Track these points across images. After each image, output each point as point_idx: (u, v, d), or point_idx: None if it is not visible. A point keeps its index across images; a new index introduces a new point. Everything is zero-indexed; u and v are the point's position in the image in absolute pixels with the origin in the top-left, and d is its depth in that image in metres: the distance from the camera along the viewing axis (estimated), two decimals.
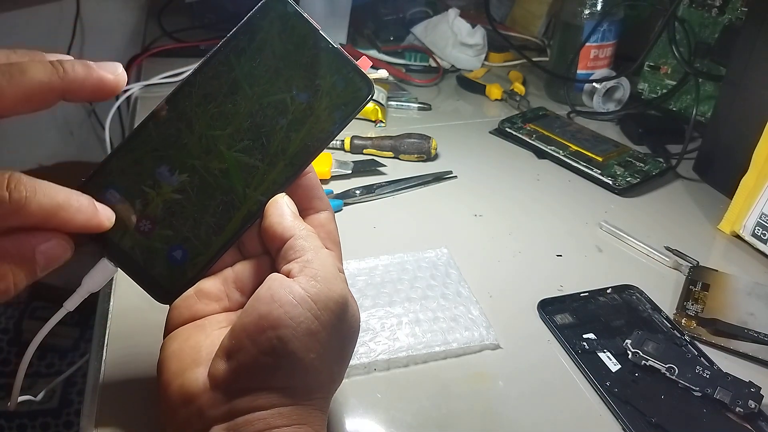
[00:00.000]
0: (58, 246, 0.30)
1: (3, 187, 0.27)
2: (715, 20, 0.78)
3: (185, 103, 0.34)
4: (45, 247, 0.29)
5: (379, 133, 0.77)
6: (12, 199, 0.27)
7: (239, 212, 0.35)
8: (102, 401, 0.39)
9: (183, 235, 0.34)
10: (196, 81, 0.34)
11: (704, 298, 0.51)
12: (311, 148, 0.35)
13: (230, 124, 0.34)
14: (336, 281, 0.32)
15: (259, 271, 0.34)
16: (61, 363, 1.12)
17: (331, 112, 0.35)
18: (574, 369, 0.45)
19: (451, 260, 0.54)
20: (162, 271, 0.35)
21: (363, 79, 0.35)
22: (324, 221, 0.36)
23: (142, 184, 0.34)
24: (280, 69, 0.34)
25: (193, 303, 0.34)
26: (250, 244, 0.36)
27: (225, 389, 0.30)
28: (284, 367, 0.30)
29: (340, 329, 0.32)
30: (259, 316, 0.30)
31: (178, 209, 0.34)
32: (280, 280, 0.31)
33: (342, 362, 0.34)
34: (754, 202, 0.58)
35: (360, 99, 0.35)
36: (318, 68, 0.34)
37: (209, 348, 0.32)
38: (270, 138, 0.34)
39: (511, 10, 1.11)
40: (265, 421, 0.30)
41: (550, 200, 0.66)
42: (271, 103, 0.34)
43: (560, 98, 0.90)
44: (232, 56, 0.34)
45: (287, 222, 0.33)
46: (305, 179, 0.36)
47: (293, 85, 0.34)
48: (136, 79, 0.88)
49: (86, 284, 0.35)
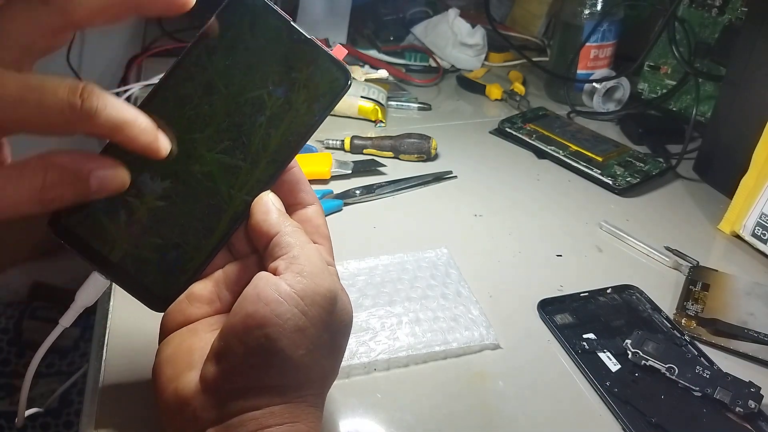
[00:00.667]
0: (114, 176, 0.30)
1: (76, 95, 0.27)
2: (715, 20, 0.78)
3: (161, 108, 0.33)
4: (101, 173, 0.29)
5: (379, 133, 0.77)
6: (83, 108, 0.27)
7: (226, 214, 0.34)
8: (102, 401, 0.39)
9: (172, 241, 0.34)
10: (169, 84, 0.33)
11: (704, 298, 0.51)
12: (293, 142, 0.34)
13: (208, 126, 0.33)
14: (323, 275, 0.32)
15: (249, 271, 0.34)
16: (62, 363, 1.12)
17: (310, 105, 0.34)
18: (574, 369, 0.45)
19: (451, 260, 0.54)
20: (154, 280, 0.34)
21: (339, 68, 0.34)
22: (311, 215, 0.35)
23: (125, 194, 0.33)
24: (254, 65, 0.33)
25: (186, 307, 0.34)
26: (239, 244, 0.36)
27: (216, 392, 0.30)
28: (274, 366, 0.30)
29: (330, 324, 0.32)
30: (246, 316, 0.30)
31: (165, 216, 0.34)
32: (266, 278, 0.31)
33: (334, 357, 0.34)
34: (754, 202, 0.58)
35: (338, 88, 0.34)
36: (292, 61, 0.34)
37: (202, 351, 0.32)
38: (250, 136, 0.34)
39: (511, 10, 1.11)
40: (258, 421, 0.30)
41: (550, 200, 0.66)
42: (248, 100, 0.34)
43: (560, 98, 0.90)
44: (204, 56, 0.33)
45: (272, 219, 0.33)
46: (289, 174, 0.35)
47: (269, 80, 0.34)
48: (136, 79, 0.88)
49: (80, 299, 0.35)
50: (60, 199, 0.29)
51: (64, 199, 0.29)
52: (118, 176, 0.30)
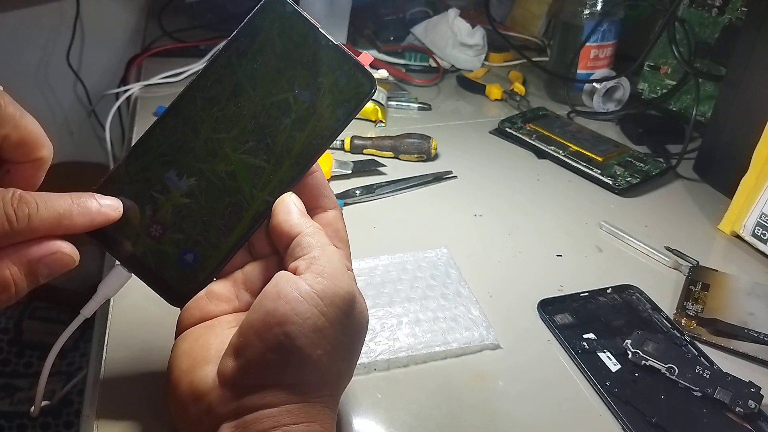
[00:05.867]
0: (62, 258, 0.30)
1: (9, 205, 0.28)
2: (715, 20, 0.78)
3: (190, 107, 0.34)
4: (48, 260, 0.30)
5: (379, 133, 0.77)
6: (18, 218, 0.28)
7: (248, 213, 0.35)
8: (102, 401, 0.39)
9: (193, 238, 0.35)
10: (199, 85, 0.34)
11: (704, 298, 0.51)
12: (316, 146, 0.35)
13: (235, 127, 0.34)
14: (343, 277, 0.32)
15: (268, 272, 0.35)
16: (62, 363, 1.12)
17: (335, 110, 0.35)
18: (574, 369, 0.45)
19: (451, 260, 0.54)
20: (174, 275, 0.35)
21: (365, 75, 0.35)
22: (332, 219, 0.36)
23: (152, 190, 0.34)
24: (281, 69, 0.34)
25: (204, 304, 0.35)
26: (259, 245, 0.36)
27: (233, 387, 0.31)
28: (292, 364, 0.30)
29: (348, 326, 0.32)
30: (266, 313, 0.30)
31: (188, 213, 0.35)
32: (287, 277, 0.31)
33: (350, 359, 0.34)
34: (754, 202, 0.58)
35: (363, 95, 0.35)
36: (319, 66, 0.34)
37: (219, 346, 0.32)
38: (275, 138, 0.35)
39: (511, 10, 1.11)
40: (273, 419, 0.30)
41: (550, 200, 0.66)
42: (274, 103, 0.34)
43: (560, 98, 0.90)
44: (234, 59, 0.34)
45: (294, 220, 0.34)
46: (312, 178, 0.36)
47: (295, 84, 0.34)
48: (136, 79, 0.88)
49: (102, 291, 0.35)
50: (17, 295, 0.29)
51: (20, 295, 0.29)
52: (63, 258, 0.30)
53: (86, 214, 0.31)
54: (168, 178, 0.34)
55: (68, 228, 0.30)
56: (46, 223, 0.29)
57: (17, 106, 0.30)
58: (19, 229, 0.28)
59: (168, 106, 0.34)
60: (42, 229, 0.29)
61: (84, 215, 0.31)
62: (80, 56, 1.15)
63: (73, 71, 1.14)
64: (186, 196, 0.34)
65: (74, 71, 1.14)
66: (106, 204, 0.32)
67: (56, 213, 0.29)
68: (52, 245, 0.30)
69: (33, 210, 0.28)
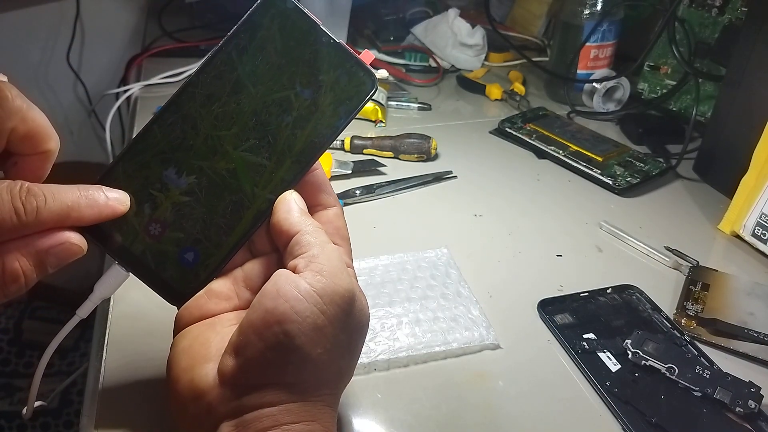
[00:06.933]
0: (70, 248, 0.30)
1: (17, 198, 0.28)
2: (715, 20, 0.78)
3: (189, 104, 0.34)
4: (56, 250, 0.30)
5: (379, 133, 0.77)
6: (27, 211, 0.28)
7: (249, 212, 0.35)
8: (102, 401, 0.39)
9: (193, 237, 0.34)
10: (198, 81, 0.34)
11: (704, 298, 0.51)
12: (317, 144, 0.35)
13: (235, 124, 0.34)
14: (342, 276, 0.32)
15: (268, 270, 0.34)
16: (62, 363, 1.12)
17: (336, 108, 0.35)
18: (574, 369, 0.45)
19: (451, 260, 0.54)
20: (174, 274, 0.35)
21: (366, 73, 0.35)
22: (332, 217, 0.36)
23: (150, 188, 0.34)
24: (282, 66, 0.34)
25: (204, 302, 0.35)
26: (259, 242, 0.36)
27: (233, 385, 0.30)
28: (291, 363, 0.30)
29: (348, 324, 0.32)
30: (265, 311, 0.30)
31: (188, 211, 0.34)
32: (286, 275, 0.31)
33: (350, 357, 0.34)
34: (754, 202, 0.58)
35: (364, 93, 0.35)
36: (320, 64, 0.34)
37: (219, 344, 0.32)
38: (276, 136, 0.34)
39: (511, 10, 1.11)
40: (273, 417, 0.30)
41: (550, 200, 0.66)
42: (275, 100, 0.34)
43: (560, 98, 0.90)
44: (234, 55, 0.34)
45: (294, 218, 0.34)
46: (313, 176, 0.36)
47: (296, 81, 0.34)
48: (136, 79, 0.88)
49: (98, 290, 0.35)
50: (27, 285, 0.29)
51: (29, 285, 0.29)
52: (71, 247, 0.30)
53: (94, 207, 0.31)
54: (167, 176, 0.34)
55: (76, 220, 0.30)
56: (54, 216, 0.29)
57: (24, 98, 0.30)
58: (28, 222, 0.28)
59: (165, 102, 0.34)
60: (50, 222, 0.29)
61: (92, 207, 0.31)
62: (80, 56, 1.15)
63: (73, 71, 1.14)
64: (186, 194, 0.34)
65: (74, 71, 1.14)
66: (114, 197, 0.32)
67: (64, 205, 0.29)
68: (60, 236, 0.30)
69: (41, 202, 0.28)
